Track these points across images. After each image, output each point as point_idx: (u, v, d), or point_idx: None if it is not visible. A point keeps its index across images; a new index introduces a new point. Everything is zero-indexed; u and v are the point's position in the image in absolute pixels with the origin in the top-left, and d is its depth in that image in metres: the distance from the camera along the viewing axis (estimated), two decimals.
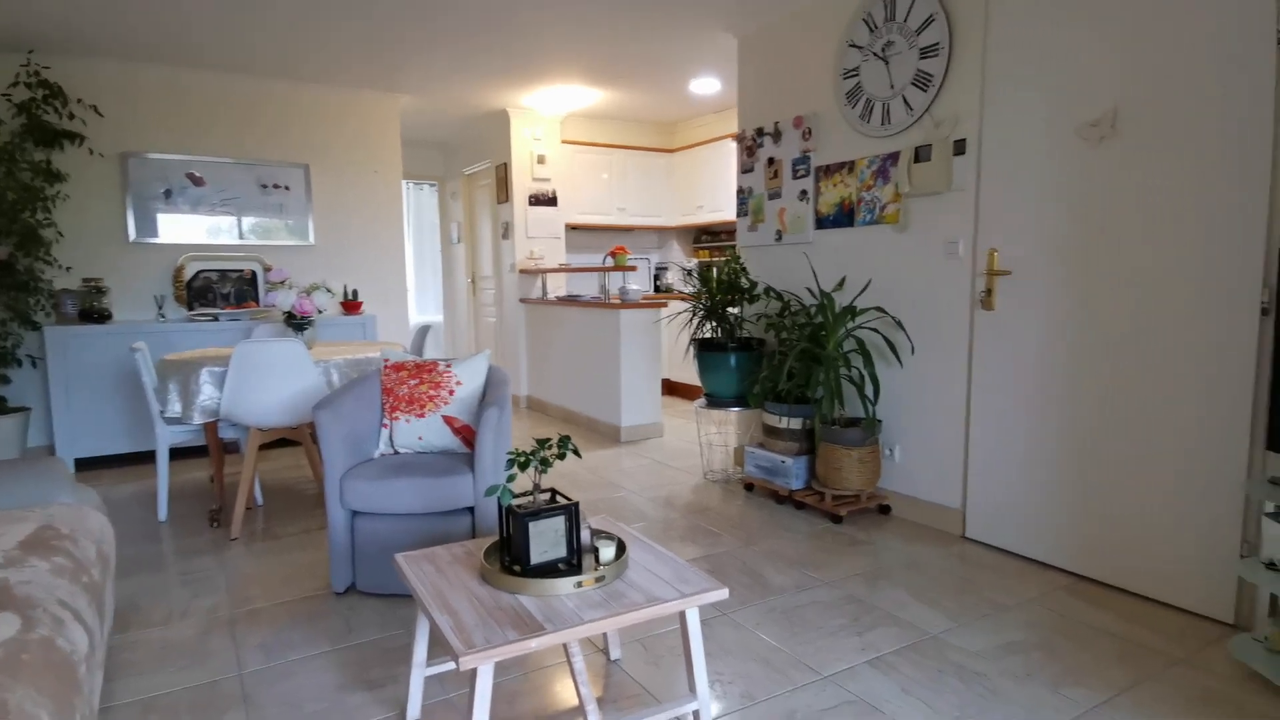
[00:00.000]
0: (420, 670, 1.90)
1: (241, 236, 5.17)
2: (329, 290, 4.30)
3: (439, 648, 2.26)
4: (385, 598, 2.64)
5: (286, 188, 5.29)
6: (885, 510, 3.54)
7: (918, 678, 2.09)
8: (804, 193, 3.88)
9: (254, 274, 5.19)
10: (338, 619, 2.49)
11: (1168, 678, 2.08)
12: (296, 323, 3.81)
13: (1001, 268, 2.97)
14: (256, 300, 5.18)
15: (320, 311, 3.87)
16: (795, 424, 3.60)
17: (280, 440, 5.14)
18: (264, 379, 3.21)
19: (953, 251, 3.16)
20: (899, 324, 3.41)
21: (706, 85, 5.60)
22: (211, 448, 3.61)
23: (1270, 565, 2.04)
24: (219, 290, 5.11)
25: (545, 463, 1.83)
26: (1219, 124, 2.30)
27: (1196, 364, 2.40)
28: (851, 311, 3.41)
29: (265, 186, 5.22)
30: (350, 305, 5.43)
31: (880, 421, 3.51)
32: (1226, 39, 2.27)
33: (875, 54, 3.44)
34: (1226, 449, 2.34)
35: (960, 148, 3.09)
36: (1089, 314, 2.69)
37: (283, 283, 3.92)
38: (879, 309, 3.45)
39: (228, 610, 2.58)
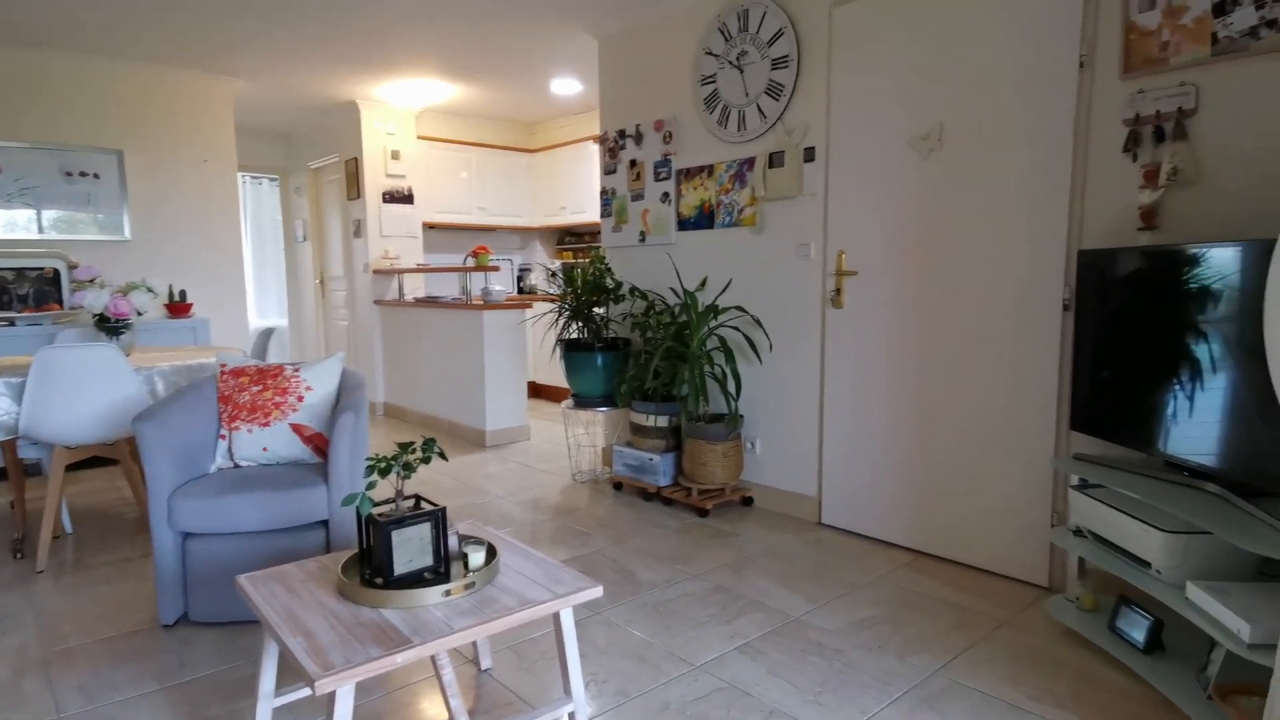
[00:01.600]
0: (268, 701, 1.74)
1: (41, 230, 4.54)
2: (150, 290, 3.85)
3: (290, 675, 2.08)
4: (224, 626, 2.40)
5: (96, 176, 4.70)
6: (748, 502, 3.67)
7: (782, 659, 2.18)
8: (666, 195, 3.96)
9: (56, 272, 4.57)
10: (168, 654, 2.23)
11: (996, 639, 2.30)
12: (111, 326, 3.38)
13: (849, 268, 3.18)
14: (60, 302, 4.57)
15: (140, 314, 3.47)
16: (662, 422, 3.66)
17: (92, 459, 4.56)
18: (71, 390, 2.83)
19: (805, 253, 3.34)
20: (758, 322, 3.56)
21: (567, 86, 5.58)
22: (10, 469, 3.14)
23: (1077, 532, 2.30)
24: (15, 291, 4.46)
25: (408, 467, 1.74)
26: (1028, 140, 2.58)
27: (1011, 355, 2.68)
28: (714, 310, 3.51)
29: (70, 175, 4.61)
30: (177, 307, 4.91)
31: (742, 417, 3.64)
32: (1036, 64, 2.55)
33: (731, 63, 3.57)
34: (1038, 430, 2.63)
35: (810, 155, 3.27)
36: (923, 311, 2.93)
37: (92, 281, 3.46)
38: (739, 308, 3.58)
39: (38, 650, 2.25)
